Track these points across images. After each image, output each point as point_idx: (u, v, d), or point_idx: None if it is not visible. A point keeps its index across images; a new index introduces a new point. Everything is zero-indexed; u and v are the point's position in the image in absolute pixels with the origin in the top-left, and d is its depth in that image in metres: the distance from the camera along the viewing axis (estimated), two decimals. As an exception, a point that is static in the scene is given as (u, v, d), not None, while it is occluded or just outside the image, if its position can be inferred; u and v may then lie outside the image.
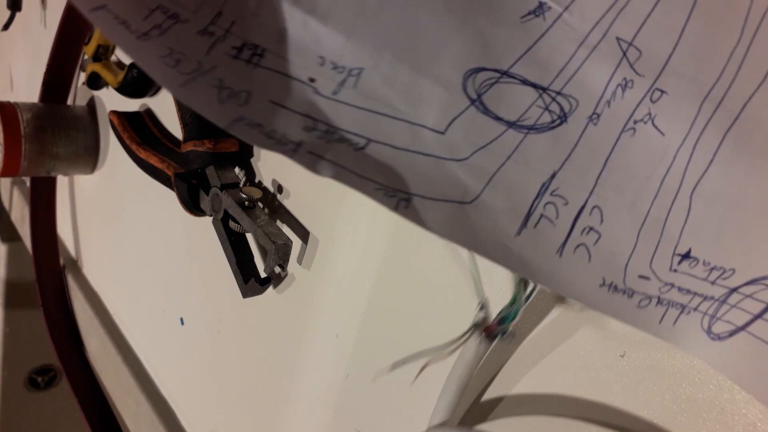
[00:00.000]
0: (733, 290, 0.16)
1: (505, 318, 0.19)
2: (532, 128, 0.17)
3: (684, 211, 0.16)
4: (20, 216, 0.76)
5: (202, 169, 0.35)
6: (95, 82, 0.49)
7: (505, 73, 0.17)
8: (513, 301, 0.19)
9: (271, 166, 0.34)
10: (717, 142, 0.16)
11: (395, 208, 0.17)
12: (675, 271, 0.16)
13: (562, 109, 0.17)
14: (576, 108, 0.17)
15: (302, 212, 0.32)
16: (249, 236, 0.35)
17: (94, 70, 0.47)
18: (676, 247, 0.16)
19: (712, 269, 0.16)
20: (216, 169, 0.34)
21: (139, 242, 0.51)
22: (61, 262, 0.66)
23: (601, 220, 0.17)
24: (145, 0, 0.18)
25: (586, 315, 0.20)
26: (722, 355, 0.16)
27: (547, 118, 0.17)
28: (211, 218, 0.34)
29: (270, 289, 0.35)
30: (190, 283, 0.44)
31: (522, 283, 0.19)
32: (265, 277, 0.33)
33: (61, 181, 0.65)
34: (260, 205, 0.33)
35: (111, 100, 0.51)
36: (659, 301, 0.17)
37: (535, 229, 0.17)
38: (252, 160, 0.36)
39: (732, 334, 0.16)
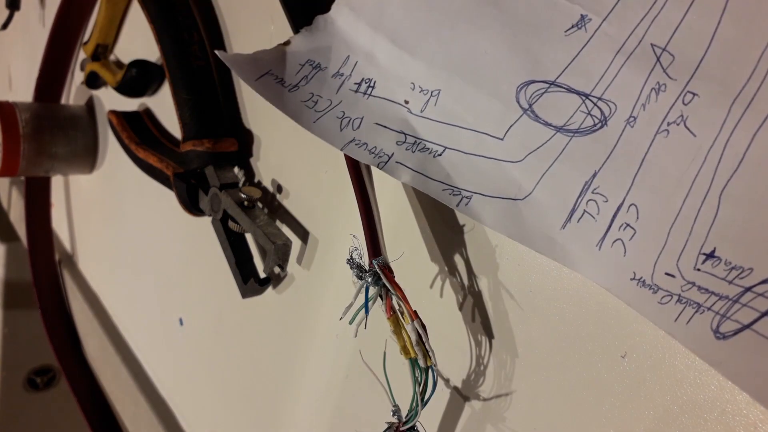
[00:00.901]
0: (748, 289, 0.16)
1: (407, 421, 0.22)
2: (577, 132, 0.19)
3: (713, 210, 0.17)
4: (19, 216, 0.76)
5: (201, 168, 0.35)
6: (94, 81, 0.49)
7: (552, 83, 0.19)
8: (411, 408, 0.22)
9: (271, 166, 0.34)
10: (747, 143, 0.16)
11: (457, 205, 0.20)
12: (698, 270, 0.17)
13: (602, 113, 0.19)
14: (615, 112, 0.18)
15: (302, 212, 0.32)
16: (248, 236, 0.35)
17: (93, 69, 0.47)
18: (702, 247, 0.17)
19: (732, 269, 0.16)
20: (215, 169, 0.34)
21: (138, 243, 0.51)
22: (59, 262, 0.66)
23: (637, 218, 0.18)
24: (297, 56, 0.24)
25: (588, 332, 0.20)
26: (722, 353, 0.17)
27: (589, 122, 0.19)
28: (210, 218, 0.34)
29: (269, 289, 0.34)
30: (189, 284, 0.44)
31: (419, 393, 0.21)
32: (264, 278, 0.33)
33: (59, 181, 0.65)
34: (259, 205, 0.33)
35: (110, 99, 0.51)
36: (679, 299, 0.17)
37: (578, 223, 0.19)
38: (251, 160, 0.36)
39: (737, 332, 0.16)
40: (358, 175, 0.23)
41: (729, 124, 0.16)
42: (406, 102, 0.22)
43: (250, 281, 0.33)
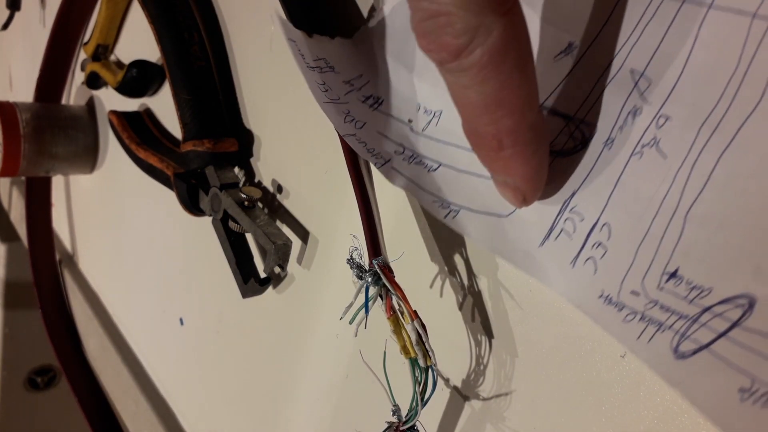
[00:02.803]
0: (706, 309, 0.17)
1: (407, 421, 0.22)
2: (559, 153, 0.20)
3: (678, 230, 0.17)
4: (19, 216, 0.76)
5: (202, 168, 0.35)
6: (94, 81, 0.49)
7: (540, 106, 0.20)
8: (410, 408, 0.22)
9: (271, 166, 0.34)
10: (712, 165, 0.16)
11: (444, 217, 0.22)
12: (661, 289, 0.17)
13: (583, 135, 0.19)
14: (594, 134, 0.19)
15: (302, 212, 0.32)
16: (249, 236, 0.35)
17: (93, 69, 0.47)
18: (666, 266, 0.17)
19: (693, 288, 0.17)
20: (215, 169, 0.34)
21: (139, 242, 0.51)
22: (59, 262, 0.66)
23: (609, 236, 0.18)
24: (314, 49, 0.25)
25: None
26: (681, 372, 0.17)
27: (571, 143, 0.19)
28: (211, 218, 0.34)
29: (270, 289, 0.34)
30: (189, 284, 0.44)
31: (418, 393, 0.21)
32: (264, 278, 0.33)
33: (60, 181, 0.65)
34: (260, 205, 0.33)
35: (110, 99, 0.51)
36: (642, 317, 0.18)
37: (555, 241, 0.20)
38: (252, 160, 0.36)
39: (695, 352, 0.17)
40: (358, 175, 0.23)
41: (697, 146, 0.17)
42: (410, 121, 0.23)
43: (250, 281, 0.33)
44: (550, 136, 0.20)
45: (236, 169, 0.35)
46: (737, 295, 0.16)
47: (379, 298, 0.21)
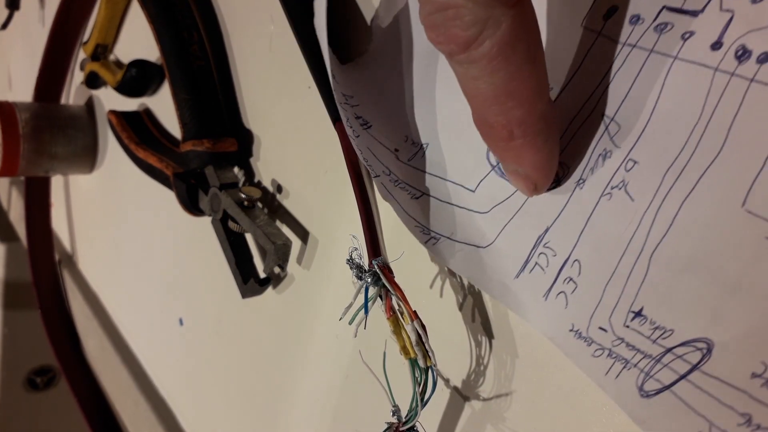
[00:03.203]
0: (669, 350, 0.17)
1: (407, 422, 0.22)
2: None
3: (643, 271, 0.18)
4: (19, 216, 0.76)
5: (201, 168, 0.35)
6: (94, 81, 0.49)
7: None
8: (410, 409, 0.22)
9: (271, 166, 0.34)
10: (675, 210, 0.17)
11: (425, 243, 0.22)
12: (627, 327, 0.18)
13: (557, 174, 0.20)
14: (567, 173, 0.20)
15: (302, 212, 0.32)
16: (248, 236, 0.35)
17: (93, 69, 0.47)
18: (632, 305, 0.18)
19: (656, 328, 0.17)
20: (215, 169, 0.34)
21: (138, 242, 0.51)
22: (59, 262, 0.66)
23: (579, 272, 0.19)
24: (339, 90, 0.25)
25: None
26: (645, 411, 0.17)
27: None
28: (210, 218, 0.34)
29: (269, 289, 0.34)
30: (189, 284, 0.44)
31: (418, 393, 0.21)
32: (264, 278, 0.33)
33: (59, 181, 0.65)
34: (259, 205, 0.33)
35: (109, 99, 0.51)
36: (609, 354, 0.18)
37: (530, 274, 0.20)
38: (251, 160, 0.36)
39: (658, 392, 0.17)
40: (358, 176, 0.23)
41: (662, 191, 0.17)
42: (396, 150, 0.23)
43: (250, 281, 0.33)
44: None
45: (236, 169, 0.35)
46: (696, 338, 0.17)
47: (378, 299, 0.21)
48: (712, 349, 0.16)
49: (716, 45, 0.16)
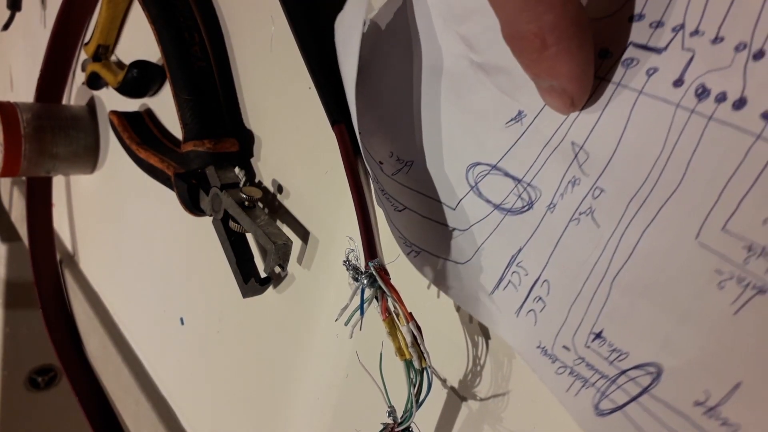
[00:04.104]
0: (623, 372, 0.18)
1: (402, 423, 0.22)
2: (510, 211, 0.21)
3: (605, 295, 0.19)
4: (20, 216, 0.76)
5: (202, 169, 0.35)
6: (95, 82, 0.49)
7: (494, 167, 0.22)
8: (405, 410, 0.22)
9: (271, 166, 0.34)
10: (636, 239, 0.18)
11: (406, 255, 0.23)
12: (588, 347, 0.19)
13: (530, 197, 0.21)
14: (539, 197, 0.20)
15: (302, 212, 0.32)
16: (249, 236, 0.35)
17: (94, 70, 0.47)
18: (593, 326, 0.19)
19: (613, 350, 0.18)
20: (216, 169, 0.34)
21: (139, 242, 0.51)
22: (60, 262, 0.66)
23: (548, 292, 0.20)
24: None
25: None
26: (600, 429, 0.18)
27: (519, 204, 0.21)
28: (211, 218, 0.34)
29: (270, 289, 0.35)
30: (190, 283, 0.44)
31: (413, 394, 0.21)
32: (265, 277, 0.33)
33: (61, 181, 0.65)
34: (260, 205, 0.33)
35: (111, 100, 0.51)
36: (571, 372, 0.19)
37: (504, 291, 0.21)
38: (252, 160, 0.36)
39: (612, 411, 0.18)
40: (356, 178, 0.24)
41: (625, 220, 0.18)
42: (381, 163, 0.24)
43: (250, 281, 0.33)
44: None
45: (237, 169, 0.35)
46: (648, 362, 0.17)
47: (375, 300, 0.21)
48: (662, 374, 0.17)
49: (678, 82, 0.17)
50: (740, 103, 0.16)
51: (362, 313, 0.21)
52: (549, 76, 0.18)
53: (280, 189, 0.34)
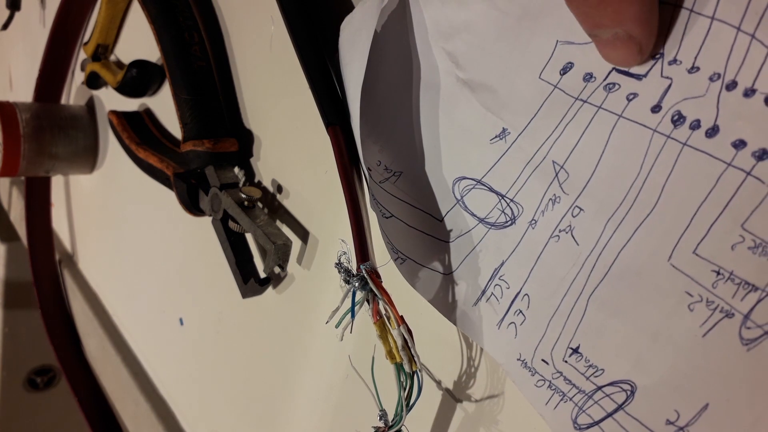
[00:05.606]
0: (599, 388, 0.18)
1: (392, 426, 0.22)
2: (493, 225, 0.22)
3: (581, 311, 0.19)
4: (19, 216, 0.76)
5: (202, 168, 0.35)
6: (94, 81, 0.49)
7: (479, 182, 0.22)
8: (396, 413, 0.22)
9: (271, 166, 0.34)
10: (613, 258, 0.18)
11: (394, 261, 0.23)
12: (566, 362, 0.19)
13: (513, 212, 0.21)
14: (522, 213, 0.21)
15: (302, 212, 0.32)
16: (248, 236, 0.35)
17: (93, 69, 0.47)
18: (570, 341, 0.19)
19: (590, 366, 0.19)
20: (215, 169, 0.34)
21: (139, 242, 0.51)
22: (59, 262, 0.66)
23: (528, 306, 0.21)
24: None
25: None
26: None
27: (503, 218, 0.22)
28: (211, 218, 0.34)
29: (269, 289, 0.35)
30: (189, 284, 0.44)
31: (404, 398, 0.21)
32: (264, 278, 0.33)
33: (60, 181, 0.65)
34: (260, 205, 0.33)
35: (110, 99, 0.51)
36: (550, 385, 0.20)
37: (486, 303, 0.22)
38: (251, 160, 0.36)
39: (589, 426, 0.19)
40: (349, 181, 0.24)
41: (603, 239, 0.19)
42: (369, 170, 0.25)
43: (250, 281, 0.33)
44: (486, 209, 0.22)
45: (236, 169, 0.35)
46: (622, 380, 0.18)
47: (366, 303, 0.21)
48: (635, 391, 0.18)
49: (656, 108, 0.17)
50: (713, 131, 0.16)
51: (353, 316, 0.21)
52: (613, 21, 0.17)
53: (279, 189, 0.34)
